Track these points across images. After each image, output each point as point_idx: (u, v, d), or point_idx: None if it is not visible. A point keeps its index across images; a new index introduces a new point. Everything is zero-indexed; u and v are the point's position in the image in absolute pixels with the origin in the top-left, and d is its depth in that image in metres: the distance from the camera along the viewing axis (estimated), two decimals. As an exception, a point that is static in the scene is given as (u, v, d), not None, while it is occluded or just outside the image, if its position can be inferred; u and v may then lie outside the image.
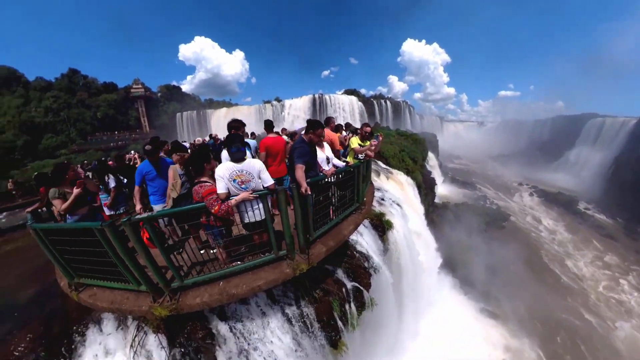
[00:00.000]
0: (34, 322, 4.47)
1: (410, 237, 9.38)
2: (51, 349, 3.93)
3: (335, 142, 4.92)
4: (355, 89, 63.61)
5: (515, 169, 51.58)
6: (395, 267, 7.34)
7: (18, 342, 4.04)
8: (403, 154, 18.87)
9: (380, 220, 7.47)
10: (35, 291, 5.27)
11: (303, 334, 4.01)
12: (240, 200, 2.54)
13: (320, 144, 3.89)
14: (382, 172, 14.09)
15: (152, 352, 3.65)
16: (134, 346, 3.72)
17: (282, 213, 2.75)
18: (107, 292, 2.97)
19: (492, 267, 16.98)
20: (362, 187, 4.36)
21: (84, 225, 2.39)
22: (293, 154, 3.11)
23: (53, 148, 30.75)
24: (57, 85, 34.28)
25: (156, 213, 2.60)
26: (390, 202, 9.63)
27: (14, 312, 4.87)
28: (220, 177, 2.53)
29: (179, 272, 2.70)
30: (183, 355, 3.54)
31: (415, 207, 14.47)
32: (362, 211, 4.45)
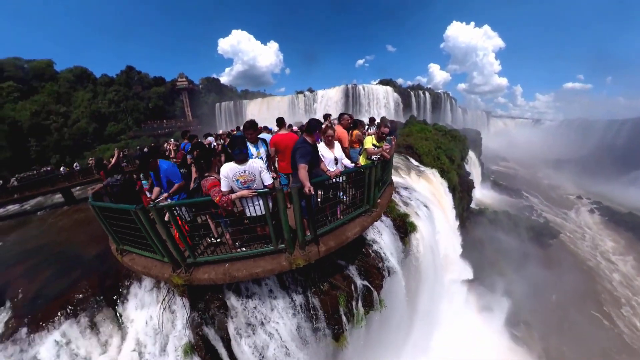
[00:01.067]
0: (94, 273, 5.54)
1: (435, 243, 8.73)
2: (105, 296, 4.86)
3: (344, 140, 4.71)
4: (391, 79, 59.36)
5: (574, 178, 43.31)
6: (413, 273, 6.98)
7: (82, 287, 5.06)
8: (439, 152, 17.30)
9: (404, 222, 7.06)
10: (97, 251, 6.50)
11: (307, 322, 4.18)
12: (240, 197, 2.79)
13: (331, 144, 3.85)
14: (413, 170, 13.17)
15: (176, 312, 4.28)
16: (163, 304, 4.40)
17: (281, 211, 2.91)
18: (142, 258, 3.57)
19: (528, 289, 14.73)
20: (375, 190, 4.16)
21: (123, 207, 2.93)
22: (295, 154, 3.12)
23: (115, 134, 37.01)
24: (117, 80, 40.53)
25: (173, 202, 3.04)
26: (417, 203, 9.06)
27: (82, 264, 6.09)
28: (224, 177, 2.80)
29: (193, 250, 3.16)
30: (200, 319, 4.07)
31: (446, 210, 13.30)
32: (372, 214, 4.27)
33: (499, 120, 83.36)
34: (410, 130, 21.47)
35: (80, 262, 6.04)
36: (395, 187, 9.29)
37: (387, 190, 5.24)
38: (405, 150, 16.46)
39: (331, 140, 3.81)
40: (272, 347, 3.89)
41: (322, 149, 3.80)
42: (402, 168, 12.53)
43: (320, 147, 3.79)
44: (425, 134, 20.32)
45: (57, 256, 6.51)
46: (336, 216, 3.94)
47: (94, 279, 5.20)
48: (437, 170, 15.17)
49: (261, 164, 2.92)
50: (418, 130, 21.30)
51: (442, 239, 10.38)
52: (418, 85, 64.22)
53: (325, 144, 3.85)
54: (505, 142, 67.09)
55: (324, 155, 3.77)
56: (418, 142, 17.27)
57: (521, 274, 16.00)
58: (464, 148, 25.45)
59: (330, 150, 3.86)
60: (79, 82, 37.35)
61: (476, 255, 14.95)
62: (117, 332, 4.45)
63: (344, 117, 5.02)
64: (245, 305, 4.15)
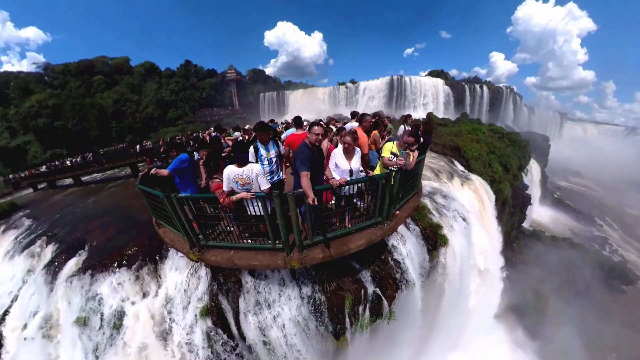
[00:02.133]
0: (146, 235, 6.58)
1: (468, 262, 7.70)
2: (150, 255, 5.76)
3: (364, 146, 4.11)
4: (442, 70, 51.65)
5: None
6: (436, 290, 6.42)
7: (135, 244, 6.08)
8: (491, 157, 14.93)
9: (435, 233, 6.42)
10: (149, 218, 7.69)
11: (311, 314, 4.30)
12: (239, 198, 3.02)
13: (350, 151, 3.38)
14: (457, 175, 11.53)
15: (200, 278, 4.87)
16: (191, 270, 5.03)
17: (278, 215, 2.99)
18: (171, 233, 4.16)
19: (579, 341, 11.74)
20: (390, 202, 3.67)
21: (155, 193, 3.51)
22: (296, 161, 2.97)
23: (174, 119, 43.64)
24: (177, 73, 47.52)
25: (187, 195, 3.44)
26: (455, 214, 8.04)
27: (138, 226, 7.25)
28: (225, 178, 3.04)
29: (205, 234, 3.59)
30: (218, 289, 4.59)
31: (490, 226, 11.69)
32: (383, 227, 3.80)
33: (577, 125, 66.52)
34: (460, 130, 18.87)
35: (137, 225, 7.19)
36: (432, 193, 8.60)
37: (410, 201, 4.72)
38: (450, 152, 14.84)
39: (349, 147, 3.33)
40: (275, 329, 4.13)
41: (338, 156, 3.40)
42: (443, 172, 11.36)
43: (336, 152, 3.43)
44: (477, 135, 17.54)
45: (121, 217, 7.91)
46: (344, 223, 3.72)
47: (145, 239, 6.18)
48: (486, 178, 13.25)
49: (258, 168, 3.05)
50: (469, 130, 18.57)
51: (478, 258, 9.26)
52: (475, 78, 55.40)
53: (343, 151, 3.40)
54: (582, 154, 53.05)
55: (337, 164, 3.37)
56: (467, 144, 15.13)
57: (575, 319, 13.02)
58: (524, 156, 21.34)
59: (347, 160, 3.39)
60: (148, 75, 45.02)
61: (519, 284, 12.93)
62: (155, 285, 5.26)
63: (365, 118, 4.45)
64: (257, 286, 4.47)
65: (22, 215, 10.73)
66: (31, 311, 5.39)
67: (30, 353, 4.87)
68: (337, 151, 3.43)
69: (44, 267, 6.27)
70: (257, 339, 4.16)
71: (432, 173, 10.78)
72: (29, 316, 5.35)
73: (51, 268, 6.14)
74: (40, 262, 6.69)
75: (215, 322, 4.38)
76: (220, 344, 4.29)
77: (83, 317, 4.79)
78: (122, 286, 5.19)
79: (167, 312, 4.78)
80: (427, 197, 8.27)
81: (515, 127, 39.77)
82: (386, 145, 3.70)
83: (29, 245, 7.50)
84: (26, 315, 5.39)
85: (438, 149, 15.02)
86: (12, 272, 6.78)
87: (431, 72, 52.12)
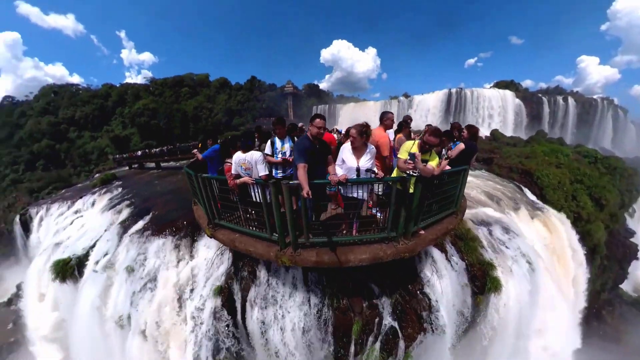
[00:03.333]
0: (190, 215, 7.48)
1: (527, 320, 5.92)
2: (191, 231, 6.54)
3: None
4: (512, 81, 44.25)
5: None
6: (474, 347, 5.23)
7: (182, 220, 7.03)
8: (577, 188, 11.42)
9: (484, 273, 5.28)
10: None
11: (315, 327, 4.06)
12: (242, 182, 3.27)
13: (359, 147, 3.05)
14: (525, 206, 9.37)
15: (224, 261, 5.26)
16: (218, 251, 5.51)
17: (273, 205, 2.96)
18: (200, 210, 4.65)
19: None
20: (405, 215, 3.10)
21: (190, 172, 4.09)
22: (294, 152, 2.90)
23: (237, 125, 52.17)
24: (244, 86, 57.54)
25: (207, 176, 3.80)
26: (516, 253, 6.41)
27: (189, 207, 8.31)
28: (233, 162, 3.37)
29: (219, 214, 3.94)
30: (234, 274, 4.88)
31: (566, 277, 8.89)
32: (397, 246, 3.19)
33: None
34: (533, 151, 15.30)
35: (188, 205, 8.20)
36: (488, 223, 7.13)
37: (443, 222, 3.94)
38: (519, 176, 12.16)
39: (355, 143, 3.00)
40: (275, 329, 4.07)
41: (345, 151, 3.13)
42: (507, 199, 9.41)
43: (344, 147, 3.18)
44: (558, 158, 13.85)
45: (180, 198, 9.32)
46: (352, 231, 3.36)
47: (190, 218, 7.01)
48: (567, 214, 10.23)
49: (258, 155, 3.28)
50: (546, 151, 14.88)
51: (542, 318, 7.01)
52: (556, 89, 44.85)
53: (352, 147, 3.09)
54: None
55: (344, 160, 3.10)
56: (542, 169, 12.03)
57: None
58: (629, 189, 15.26)
59: (356, 156, 3.06)
60: (222, 88, 55.80)
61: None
62: (188, 256, 5.96)
63: (387, 115, 3.93)
64: (270, 281, 4.54)
65: (117, 184, 13.99)
66: (103, 252, 6.86)
67: (94, 282, 6.19)
68: (345, 146, 3.18)
69: (119, 223, 7.92)
70: (257, 332, 4.18)
71: (491, 199, 9.01)
72: (101, 255, 6.82)
73: (124, 224, 7.73)
74: (119, 218, 8.48)
75: (224, 304, 4.63)
76: (223, 324, 4.50)
77: (132, 266, 5.79)
78: (164, 250, 6.06)
79: (190, 281, 5.32)
80: (481, 226, 6.91)
81: (617, 150, 29.57)
82: (405, 144, 3.07)
83: (115, 205, 9.69)
84: (99, 254, 6.89)
85: (502, 172, 12.60)
86: (102, 221, 8.80)
87: (498, 83, 45.28)
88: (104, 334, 5.64)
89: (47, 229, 11.49)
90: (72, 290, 6.79)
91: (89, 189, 14.32)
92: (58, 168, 38.41)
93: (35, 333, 8.25)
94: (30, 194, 30.15)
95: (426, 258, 4.88)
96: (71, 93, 48.57)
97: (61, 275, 6.91)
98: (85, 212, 10.97)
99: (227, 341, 4.44)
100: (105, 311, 5.77)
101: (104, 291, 5.97)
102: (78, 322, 6.13)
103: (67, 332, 7.33)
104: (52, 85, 51.40)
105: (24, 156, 38.58)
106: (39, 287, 8.19)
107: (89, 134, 43.49)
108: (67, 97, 46.83)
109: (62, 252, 7.81)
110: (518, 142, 21.46)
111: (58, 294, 7.20)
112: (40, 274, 8.13)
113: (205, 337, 4.50)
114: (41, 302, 8.11)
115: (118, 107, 47.31)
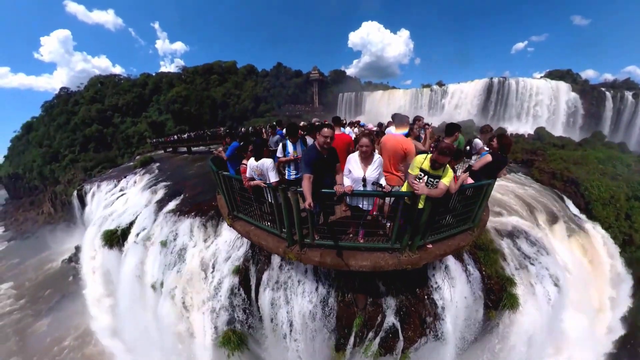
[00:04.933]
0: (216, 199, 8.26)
1: (542, 345, 5.45)
2: (216, 213, 7.17)
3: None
4: (569, 70, 36.74)
5: None
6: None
7: (210, 203, 7.68)
8: (634, 206, 9.93)
9: (502, 288, 5.06)
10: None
11: (319, 315, 4.35)
12: (255, 185, 3.62)
13: (367, 158, 2.95)
14: (564, 220, 8.43)
15: (244, 243, 5.77)
16: (238, 235, 6.03)
17: (282, 207, 3.21)
18: (222, 200, 5.08)
19: None
20: (411, 231, 3.10)
21: (213, 168, 4.47)
22: (301, 162, 2.97)
23: (264, 111, 52.54)
24: (270, 73, 57.06)
25: (227, 174, 4.25)
26: (542, 272, 5.88)
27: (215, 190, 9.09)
28: (248, 167, 3.67)
29: (237, 207, 4.36)
30: (252, 256, 5.40)
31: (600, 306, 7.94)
32: (400, 257, 3.19)
33: None
34: (585, 156, 13.11)
35: (214, 190, 8.82)
36: (514, 235, 6.64)
37: (456, 238, 3.69)
38: (563, 184, 10.73)
39: (367, 151, 2.89)
40: (282, 310, 4.46)
41: (352, 161, 3.02)
42: (543, 210, 8.44)
43: (351, 157, 3.07)
44: (615, 167, 11.81)
45: (208, 181, 10.09)
46: (358, 237, 3.45)
47: (216, 202, 7.66)
48: (616, 235, 9.05)
49: (269, 163, 3.49)
50: (600, 158, 12.78)
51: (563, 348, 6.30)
52: (625, 82, 36.32)
53: (360, 157, 2.98)
54: None
55: (351, 170, 3.03)
56: (593, 179, 10.46)
57: None
58: None
59: (363, 166, 2.96)
60: (248, 74, 56.35)
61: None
62: (213, 236, 6.60)
63: (418, 120, 3.74)
64: (283, 268, 4.92)
65: (155, 166, 15.54)
66: (142, 227, 7.89)
67: (134, 252, 7.22)
68: (352, 156, 3.09)
69: (156, 202, 8.95)
70: (267, 310, 4.62)
71: (524, 207, 8.27)
72: (141, 229, 7.85)
73: (160, 203, 8.72)
74: (155, 197, 9.57)
75: (240, 282, 5.17)
76: (238, 300, 5.04)
77: (165, 240, 6.61)
78: (192, 229, 6.80)
79: (214, 258, 5.96)
80: (506, 237, 6.49)
81: None
82: (416, 159, 2.87)
83: (152, 185, 10.90)
84: (139, 228, 7.94)
85: (543, 178, 11.29)
86: (142, 199, 10.00)
87: (551, 72, 37.89)
88: (142, 295, 6.62)
89: (98, 203, 13.32)
90: (117, 256, 7.98)
91: (131, 170, 16.13)
92: (106, 150, 43.36)
93: (89, 288, 9.86)
94: (84, 171, 34.72)
95: (440, 264, 4.82)
96: (114, 83, 53.28)
97: (109, 242, 8.15)
98: (128, 190, 12.49)
99: (241, 314, 4.99)
100: (144, 276, 6.72)
101: (142, 259, 6.94)
102: (122, 284, 7.25)
103: (113, 289, 8.66)
104: (98, 76, 56.56)
105: (79, 139, 44.04)
106: (92, 251, 9.69)
107: (130, 119, 48.09)
108: (111, 87, 51.81)
109: (110, 223, 9.10)
110: (568, 144, 18.11)
111: (106, 257, 8.51)
112: (93, 240, 9.59)
113: (222, 308, 5.10)
114: (93, 263, 9.62)
115: (154, 94, 51.17)
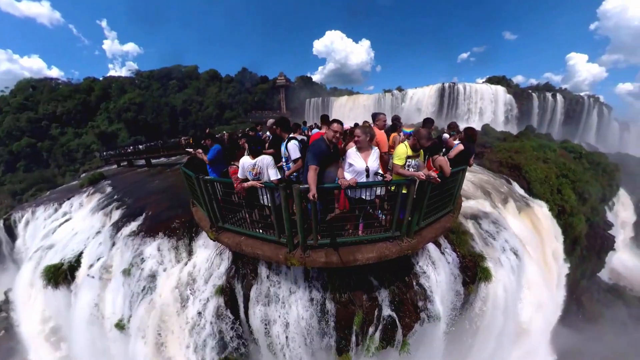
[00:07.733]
0: (188, 214, 7.28)
1: (514, 306, 6.55)
2: (188, 230, 6.47)
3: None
4: (504, 76, 45.42)
5: None
6: (466, 331, 5.63)
7: (178, 220, 6.90)
8: (562, 182, 12.11)
9: (475, 264, 5.68)
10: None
11: (317, 320, 4.19)
12: (250, 186, 3.24)
13: (364, 149, 3.10)
14: (513, 200, 9.85)
15: (224, 259, 5.25)
16: (217, 250, 5.48)
17: (282, 208, 3.00)
18: (200, 212, 4.68)
19: None
20: (409, 216, 3.32)
21: (189, 173, 4.01)
22: (308, 153, 2.91)
23: (229, 119, 50.40)
24: (235, 78, 55.06)
25: (211, 178, 3.84)
26: (504, 246, 6.96)
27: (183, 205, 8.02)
28: (240, 167, 3.34)
29: (222, 217, 3.93)
30: (235, 272, 4.91)
31: (550, 268, 9.62)
32: (401, 244, 3.42)
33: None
34: (522, 146, 15.89)
35: (183, 204, 8.03)
36: (478, 217, 7.54)
37: (441, 220, 4.19)
38: (508, 170, 12.66)
39: (361, 143, 3.02)
40: (278, 326, 4.15)
41: (352, 155, 3.13)
42: (497, 193, 9.80)
43: (350, 152, 3.17)
44: (545, 153, 14.56)
45: (173, 196, 9.16)
46: (357, 231, 3.48)
47: (187, 217, 6.96)
48: (552, 207, 10.92)
49: (269, 159, 3.21)
50: (534, 146, 15.58)
51: (528, 305, 7.63)
52: (545, 85, 46.96)
53: (357, 149, 3.12)
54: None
55: (352, 163, 3.11)
56: (530, 163, 12.58)
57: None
58: (610, 184, 16.49)
59: (363, 158, 3.09)
60: (212, 80, 53.36)
61: (585, 351, 10.21)
62: (186, 256, 5.91)
63: (379, 117, 4.11)
64: (271, 279, 4.58)
65: (106, 184, 13.50)
66: (97, 256, 6.69)
67: (89, 287, 6.07)
68: (351, 150, 3.16)
69: (111, 225, 7.72)
70: (260, 329, 4.25)
71: (482, 192, 9.38)
72: (95, 259, 6.65)
73: (116, 226, 7.52)
74: (110, 220, 8.26)
75: (226, 302, 4.66)
76: (227, 323, 4.54)
77: (128, 268, 5.69)
78: (161, 252, 5.98)
79: (191, 281, 5.31)
80: (471, 220, 7.26)
81: (601, 146, 31.55)
82: (399, 150, 3.11)
83: (105, 206, 9.39)
84: (93, 258, 6.72)
85: (493, 167, 13.06)
86: (92, 223, 8.56)
87: (490, 78, 46.16)
88: (104, 339, 5.58)
89: (35, 233, 11.03)
90: (66, 295, 6.64)
91: (76, 190, 13.74)
92: (41, 168, 36.38)
93: (30, 340, 8.07)
94: (13, 196, 28.56)
95: (422, 251, 5.11)
96: (51, 87, 45.52)
97: (53, 280, 6.72)
98: (74, 214, 10.60)
99: (231, 339, 4.51)
100: (104, 315, 5.69)
101: (100, 296, 5.87)
102: (77, 328, 6.03)
103: (62, 337, 7.22)
104: (29, 79, 48.00)
105: (4, 156, 36.16)
106: (29, 294, 7.95)
107: (73, 130, 41.07)
108: (46, 92, 43.79)
109: (53, 256, 7.57)
110: (508, 137, 21.64)
111: (51, 299, 7.03)
112: (31, 279, 7.88)
113: (209, 337, 4.55)
114: (33, 309, 7.91)
115: (102, 101, 44.65)
